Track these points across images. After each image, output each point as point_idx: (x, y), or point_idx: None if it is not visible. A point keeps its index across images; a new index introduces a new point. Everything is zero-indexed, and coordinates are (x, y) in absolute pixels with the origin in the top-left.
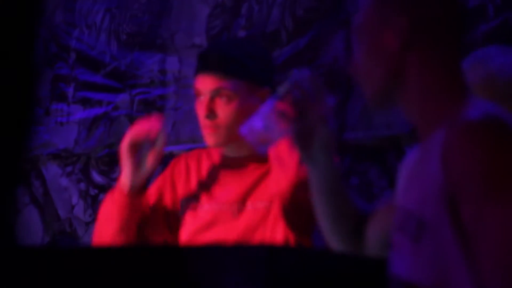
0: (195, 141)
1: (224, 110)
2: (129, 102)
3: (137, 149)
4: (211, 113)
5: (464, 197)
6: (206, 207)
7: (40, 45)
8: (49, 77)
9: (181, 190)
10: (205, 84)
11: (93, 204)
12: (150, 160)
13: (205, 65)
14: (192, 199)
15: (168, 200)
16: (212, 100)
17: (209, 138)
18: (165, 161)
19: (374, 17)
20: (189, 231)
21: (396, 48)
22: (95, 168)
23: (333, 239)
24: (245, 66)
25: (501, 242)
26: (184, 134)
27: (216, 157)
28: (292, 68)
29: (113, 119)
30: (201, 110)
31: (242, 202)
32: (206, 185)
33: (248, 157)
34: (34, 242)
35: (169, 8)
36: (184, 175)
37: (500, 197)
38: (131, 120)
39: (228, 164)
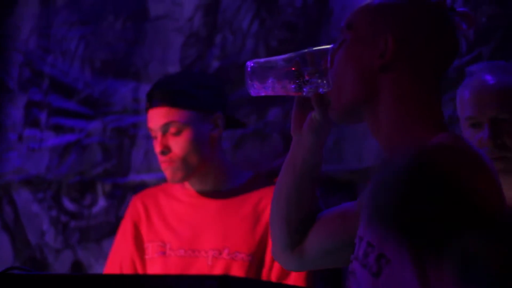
0: None
1: (176, 143)
2: (101, 130)
3: None
4: (165, 148)
5: (426, 223)
6: (178, 253)
7: (16, 70)
8: (23, 102)
9: (145, 232)
10: (155, 121)
11: (64, 231)
12: None
13: (152, 102)
14: (158, 242)
15: (132, 245)
16: (164, 135)
17: (168, 174)
18: (135, 191)
19: (363, 30)
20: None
21: (376, 67)
22: (67, 195)
23: (279, 223)
24: (191, 96)
25: (468, 271)
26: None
27: (177, 193)
28: (265, 99)
29: (85, 146)
30: (156, 147)
31: (218, 249)
32: (171, 226)
33: (216, 191)
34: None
35: (143, 36)
36: (144, 217)
37: (453, 233)
38: (103, 147)
39: (194, 200)
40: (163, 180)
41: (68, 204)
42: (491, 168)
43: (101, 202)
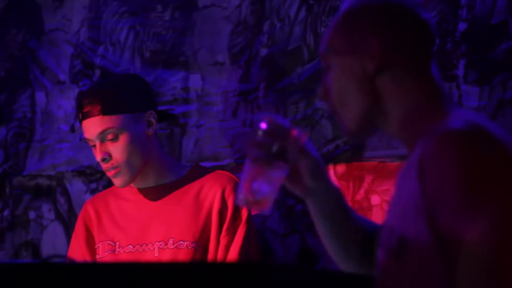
0: (217, 158)
1: (116, 148)
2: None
3: None
4: (105, 156)
5: (440, 212)
6: (127, 248)
7: (67, 62)
8: (74, 94)
9: (96, 233)
10: (90, 131)
11: None
12: None
13: (83, 113)
14: (108, 242)
15: (84, 247)
16: (102, 143)
17: (115, 181)
18: None
19: (342, 44)
20: None
21: (372, 72)
22: None
23: (345, 262)
24: (120, 100)
25: (477, 261)
26: (206, 152)
27: (124, 193)
28: (314, 85)
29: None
30: (96, 156)
31: (163, 241)
32: (120, 225)
33: (158, 186)
34: (58, 258)
35: (192, 25)
36: (95, 220)
37: (475, 211)
38: None
39: (139, 197)
40: (215, 168)
41: None
42: (504, 143)
43: None
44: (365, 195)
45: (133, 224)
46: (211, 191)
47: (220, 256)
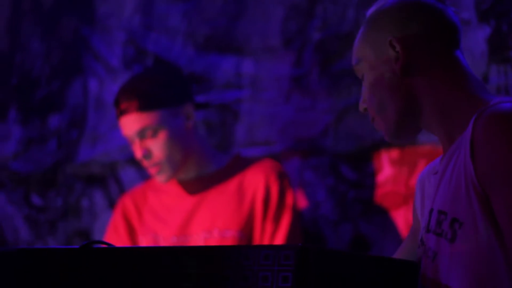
0: (270, 143)
1: (156, 146)
2: (205, 106)
3: None
4: (146, 154)
5: (493, 189)
6: (171, 240)
7: (119, 49)
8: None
9: (138, 229)
10: (128, 128)
11: None
12: None
13: (121, 110)
14: (151, 234)
15: (126, 239)
16: (141, 141)
17: (159, 178)
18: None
19: (369, 52)
20: None
21: (399, 74)
22: None
23: None
24: (157, 96)
25: None
26: (259, 137)
27: (163, 186)
28: None
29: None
30: (136, 153)
31: (208, 231)
32: (162, 217)
33: (199, 177)
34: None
35: (244, 10)
36: (135, 213)
37: None
38: (207, 124)
39: (179, 189)
40: (267, 154)
41: None
42: None
43: None
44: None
45: (175, 216)
46: (254, 179)
47: (265, 243)
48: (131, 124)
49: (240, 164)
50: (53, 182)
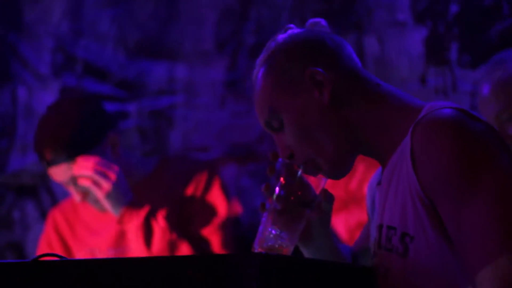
0: (205, 149)
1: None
2: (137, 113)
3: None
4: (83, 197)
5: (439, 198)
6: (108, 253)
7: (48, 55)
8: (56, 88)
9: (72, 243)
10: (59, 178)
11: None
12: None
13: (45, 161)
14: (86, 248)
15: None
16: (76, 185)
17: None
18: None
19: (284, 98)
20: None
21: (327, 106)
22: None
23: None
24: (80, 142)
25: (481, 242)
26: (194, 144)
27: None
28: None
29: (122, 130)
30: (75, 198)
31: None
32: (96, 230)
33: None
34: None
35: (176, 14)
36: (67, 229)
37: (473, 192)
38: (140, 130)
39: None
40: (204, 161)
41: None
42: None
43: None
44: (358, 184)
45: (109, 228)
46: (181, 181)
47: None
48: (61, 174)
49: (167, 166)
50: None
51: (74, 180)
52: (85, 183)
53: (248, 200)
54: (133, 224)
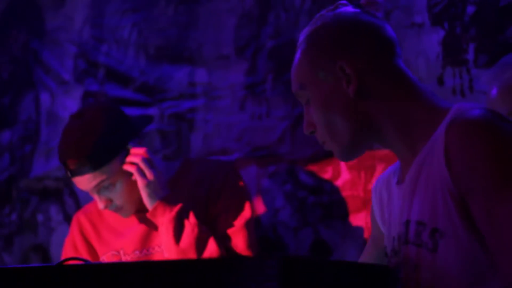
0: (226, 152)
1: (116, 195)
2: (159, 116)
3: None
4: (107, 204)
5: (472, 195)
6: (133, 255)
7: (70, 62)
8: (79, 93)
9: (97, 246)
10: (84, 186)
11: None
12: None
13: (69, 171)
14: (112, 252)
15: (87, 258)
16: (100, 193)
17: (121, 214)
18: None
19: (314, 76)
20: None
21: (352, 96)
22: None
23: None
24: (104, 152)
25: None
26: (215, 146)
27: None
28: None
29: (144, 134)
30: (99, 205)
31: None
32: (121, 232)
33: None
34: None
35: (196, 19)
36: (93, 232)
37: (507, 190)
38: (162, 134)
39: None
40: (225, 162)
41: None
42: None
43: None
44: None
45: (134, 230)
46: (205, 183)
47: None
48: (85, 183)
49: (190, 169)
50: (7, 197)
51: (98, 187)
52: (130, 169)
53: (269, 201)
54: (165, 218)
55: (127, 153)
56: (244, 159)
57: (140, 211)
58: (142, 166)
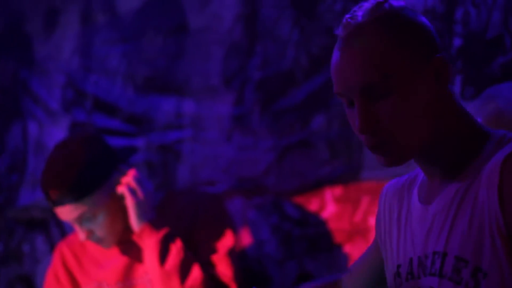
0: (213, 183)
1: (97, 227)
2: (146, 147)
3: None
4: (89, 235)
5: None
6: (116, 287)
7: (58, 91)
8: (66, 123)
9: (80, 277)
10: (66, 216)
11: None
12: None
13: (51, 201)
14: (95, 283)
15: None
16: (81, 224)
17: (101, 245)
18: None
19: (403, 67)
20: None
21: (440, 91)
22: None
23: None
24: (86, 183)
25: None
26: (202, 177)
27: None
28: (310, 107)
29: (131, 165)
30: (80, 237)
31: (145, 275)
32: (103, 264)
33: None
34: None
35: (184, 50)
36: (75, 263)
37: None
38: (149, 165)
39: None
40: (212, 194)
41: None
42: None
43: None
44: (363, 216)
45: (117, 261)
46: (187, 214)
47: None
48: (67, 213)
49: (172, 200)
50: None
51: (80, 219)
52: (122, 189)
53: (254, 233)
54: (152, 240)
55: (110, 185)
56: (230, 190)
57: (123, 242)
58: (133, 185)
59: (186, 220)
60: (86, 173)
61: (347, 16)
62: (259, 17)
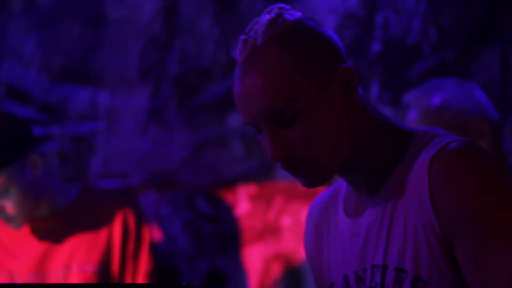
0: (125, 176)
1: (8, 203)
2: (59, 137)
3: None
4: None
5: (458, 236)
6: (28, 278)
7: None
8: None
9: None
10: None
11: None
12: None
13: None
14: (5, 272)
15: None
16: None
17: (11, 225)
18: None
19: (306, 87)
20: None
21: (351, 100)
22: None
23: None
24: (0, 157)
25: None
26: (115, 169)
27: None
28: (226, 104)
29: (43, 154)
30: None
31: (66, 266)
32: (15, 253)
33: (51, 213)
34: None
35: (101, 41)
36: None
37: (500, 236)
38: (61, 155)
39: (33, 225)
40: (123, 187)
41: None
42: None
43: None
44: (276, 215)
45: (30, 252)
46: (109, 212)
47: (128, 281)
48: None
49: (91, 196)
50: None
51: None
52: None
53: (166, 228)
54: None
55: (26, 163)
56: (143, 184)
57: (37, 231)
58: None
59: (101, 219)
60: (2, 144)
61: (242, 37)
62: (179, 12)
